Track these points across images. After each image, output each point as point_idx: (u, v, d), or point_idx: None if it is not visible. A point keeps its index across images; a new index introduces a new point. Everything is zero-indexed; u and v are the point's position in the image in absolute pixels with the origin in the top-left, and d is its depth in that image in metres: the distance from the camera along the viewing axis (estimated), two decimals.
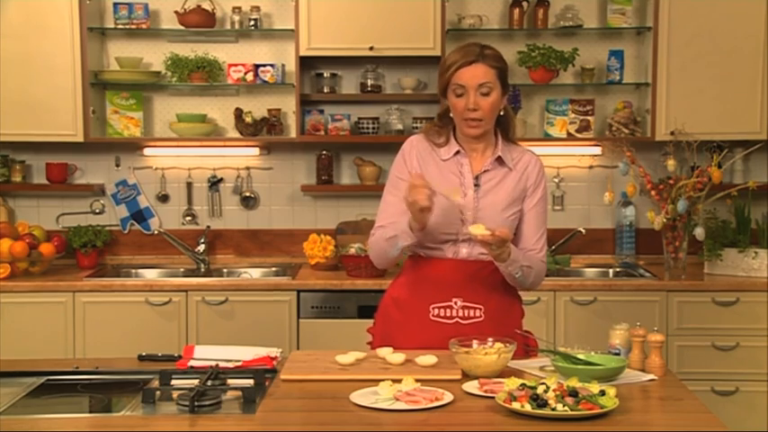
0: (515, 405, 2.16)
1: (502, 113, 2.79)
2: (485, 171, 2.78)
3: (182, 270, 4.61)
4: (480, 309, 2.76)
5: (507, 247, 2.63)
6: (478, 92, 2.68)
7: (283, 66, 4.60)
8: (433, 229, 2.71)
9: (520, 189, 2.79)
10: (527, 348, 2.80)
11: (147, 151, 4.72)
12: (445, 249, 2.77)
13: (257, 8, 4.58)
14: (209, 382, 2.39)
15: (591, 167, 4.76)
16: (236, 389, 2.37)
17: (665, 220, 4.25)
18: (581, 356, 2.54)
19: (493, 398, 2.25)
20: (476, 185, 2.77)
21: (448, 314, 2.77)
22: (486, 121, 2.73)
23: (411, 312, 2.80)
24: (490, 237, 2.54)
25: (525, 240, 2.80)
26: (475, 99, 2.68)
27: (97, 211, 4.76)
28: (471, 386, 2.38)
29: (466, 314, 2.76)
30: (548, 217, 2.87)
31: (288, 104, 4.64)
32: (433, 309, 2.78)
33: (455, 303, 2.76)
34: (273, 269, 4.61)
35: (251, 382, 2.43)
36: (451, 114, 2.77)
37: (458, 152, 2.78)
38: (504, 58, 2.77)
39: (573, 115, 4.55)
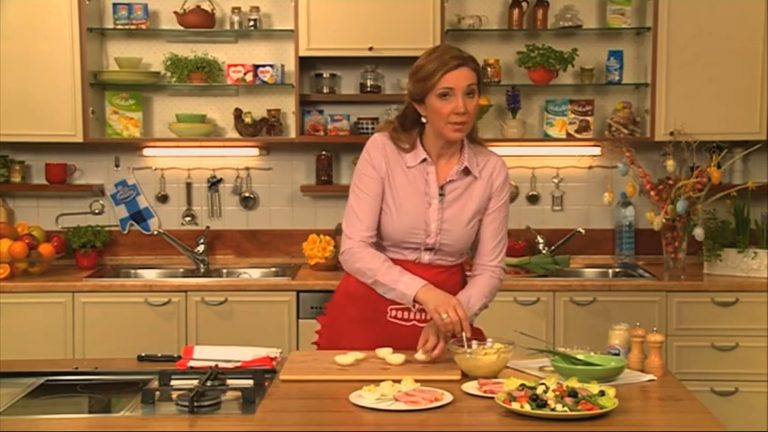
0: (515, 405, 2.16)
1: None
2: (450, 181, 2.75)
3: (181, 270, 4.61)
4: None
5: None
6: (466, 94, 2.65)
7: (283, 66, 4.60)
8: (398, 240, 2.74)
9: (486, 198, 2.78)
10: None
11: (146, 152, 4.72)
12: (407, 254, 2.76)
13: (257, 8, 4.58)
14: (208, 383, 2.39)
15: (590, 168, 4.76)
16: (235, 389, 2.37)
17: (664, 220, 4.25)
18: (580, 357, 2.54)
19: (492, 398, 2.25)
20: (441, 195, 2.74)
21: (406, 316, 2.79)
22: (469, 123, 2.69)
23: (368, 309, 2.80)
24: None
25: (482, 248, 2.80)
26: (463, 101, 2.64)
27: (96, 211, 4.75)
28: (471, 386, 2.38)
29: (423, 317, 2.76)
30: (507, 222, 2.83)
31: (287, 105, 4.64)
32: (391, 310, 2.79)
33: (414, 306, 2.72)
34: (273, 269, 4.61)
35: (250, 382, 2.43)
36: (424, 120, 2.71)
37: (424, 160, 2.74)
38: None
39: (572, 116, 4.55)
